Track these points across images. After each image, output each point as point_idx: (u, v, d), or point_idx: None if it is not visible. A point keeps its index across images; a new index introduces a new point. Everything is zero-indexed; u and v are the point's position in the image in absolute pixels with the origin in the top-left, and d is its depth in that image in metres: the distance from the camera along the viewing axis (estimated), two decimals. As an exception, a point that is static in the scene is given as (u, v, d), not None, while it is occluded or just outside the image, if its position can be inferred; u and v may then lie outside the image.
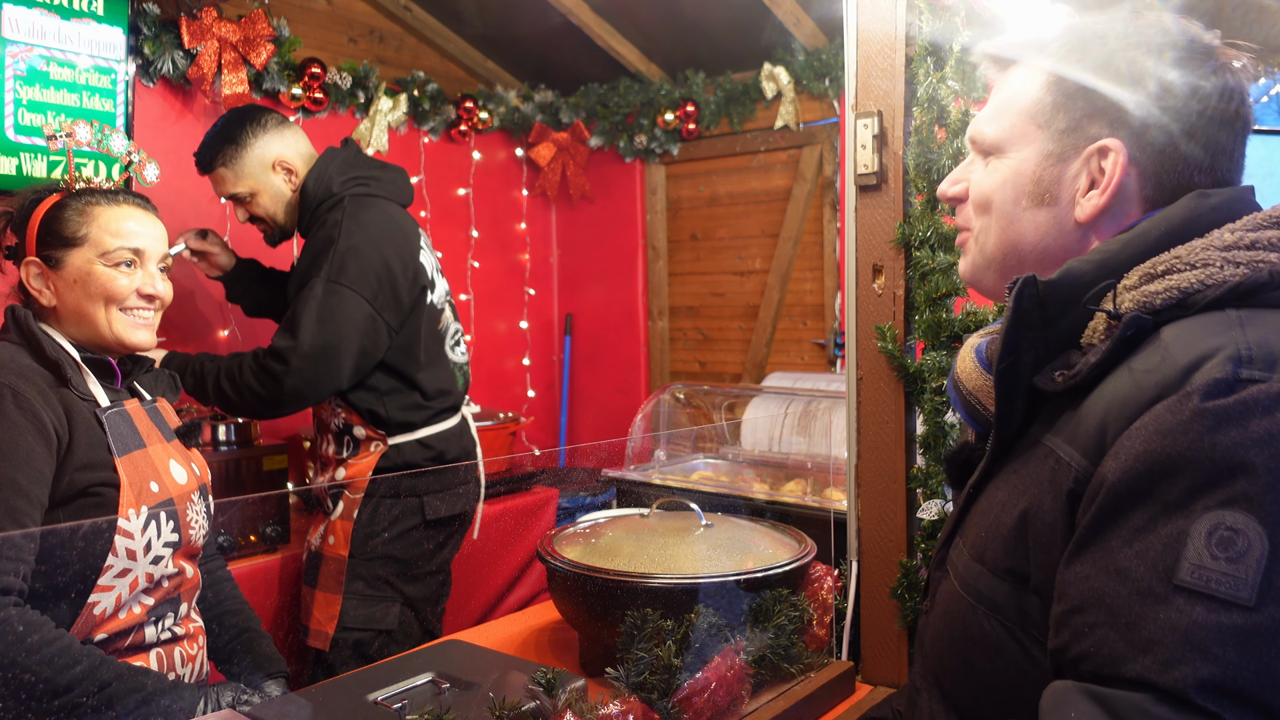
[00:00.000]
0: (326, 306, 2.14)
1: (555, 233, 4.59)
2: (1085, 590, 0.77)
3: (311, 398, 2.19)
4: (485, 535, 2.60)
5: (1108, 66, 0.93)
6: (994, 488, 0.95)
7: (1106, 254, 0.90)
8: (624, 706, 1.16)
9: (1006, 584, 0.88)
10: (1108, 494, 0.78)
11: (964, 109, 1.47)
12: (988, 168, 1.03)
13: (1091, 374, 0.86)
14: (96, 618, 1.43)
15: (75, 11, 2.63)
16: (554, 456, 4.19)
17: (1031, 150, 0.98)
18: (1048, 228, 0.98)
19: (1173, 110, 0.91)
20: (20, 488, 1.34)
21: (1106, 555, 0.77)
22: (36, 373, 1.45)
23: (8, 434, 1.36)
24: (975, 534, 0.95)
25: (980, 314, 1.47)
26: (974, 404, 1.02)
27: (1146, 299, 0.86)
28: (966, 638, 0.92)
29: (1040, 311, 0.89)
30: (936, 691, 0.99)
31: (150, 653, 1.52)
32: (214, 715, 1.43)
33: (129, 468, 1.50)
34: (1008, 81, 1.02)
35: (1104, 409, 0.83)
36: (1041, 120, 0.97)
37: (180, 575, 1.58)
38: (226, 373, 2.17)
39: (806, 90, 3.79)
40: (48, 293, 1.54)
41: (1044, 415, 0.92)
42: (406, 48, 3.94)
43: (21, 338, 1.48)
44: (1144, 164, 0.93)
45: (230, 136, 2.30)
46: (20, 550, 1.31)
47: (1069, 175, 0.96)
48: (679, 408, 3.27)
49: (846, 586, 1.61)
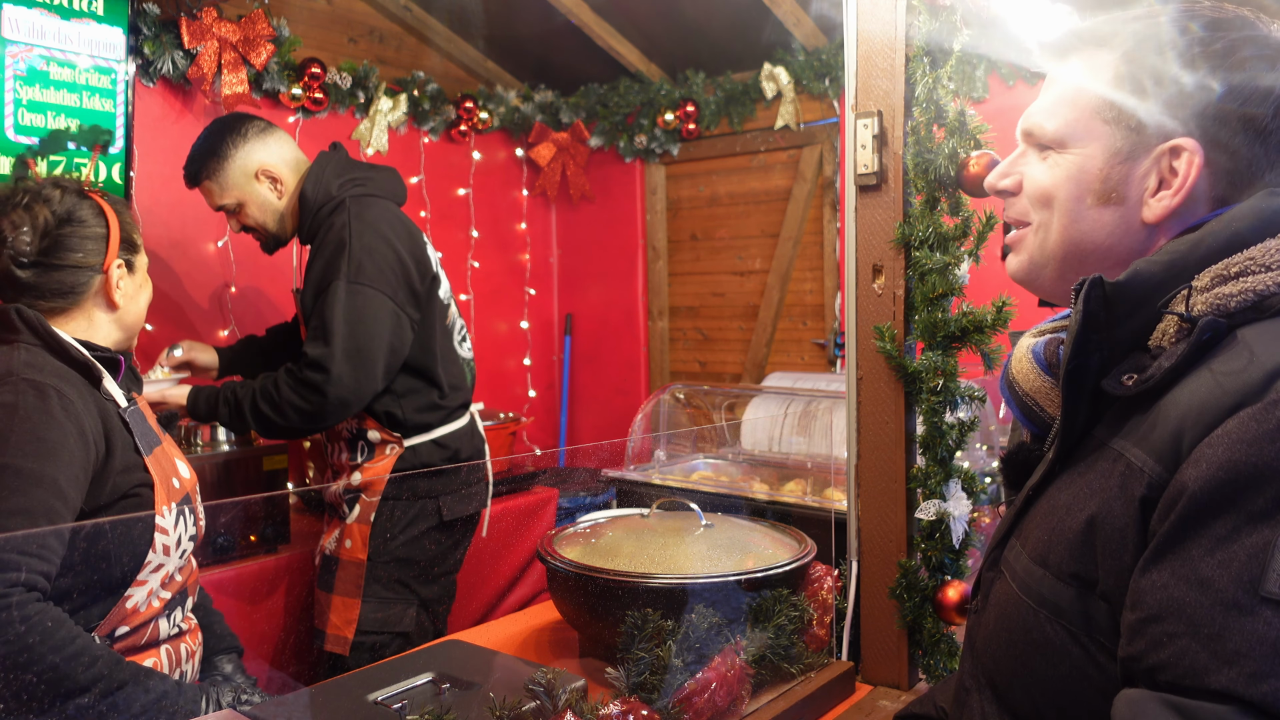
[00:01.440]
0: (352, 308, 2.12)
1: (555, 233, 4.59)
2: (1164, 599, 0.76)
3: (355, 404, 2.15)
4: (486, 535, 2.60)
5: (1180, 61, 0.90)
6: (1056, 490, 0.93)
7: (1175, 255, 0.88)
8: (624, 706, 1.16)
9: (1072, 589, 0.86)
10: (1189, 502, 0.76)
11: (962, 108, 1.47)
12: (1046, 162, 0.99)
13: (1165, 378, 0.84)
14: (128, 611, 1.46)
15: (75, 11, 2.63)
16: (554, 456, 4.20)
17: (1097, 147, 0.95)
18: (1113, 227, 0.95)
19: (1248, 108, 0.88)
20: (60, 489, 1.34)
21: (1187, 564, 0.75)
22: (71, 375, 1.45)
23: (54, 434, 1.36)
24: (1037, 537, 0.93)
25: (978, 314, 1.47)
26: (1031, 406, 1.00)
27: (1220, 302, 0.84)
28: (1026, 641, 0.90)
29: (1107, 313, 0.87)
30: (989, 693, 0.97)
31: (161, 649, 1.53)
32: (214, 715, 1.44)
33: (155, 465, 1.53)
34: (1067, 74, 0.98)
35: (1180, 414, 0.81)
36: (1109, 116, 0.94)
37: (189, 568, 1.60)
38: (263, 395, 2.12)
39: (806, 90, 3.79)
40: (126, 294, 1.59)
41: (1109, 418, 0.90)
42: (406, 48, 3.95)
43: (38, 339, 1.47)
44: (1217, 164, 0.90)
45: (211, 149, 2.27)
46: (50, 549, 1.31)
47: (1138, 174, 0.93)
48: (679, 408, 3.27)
49: (846, 586, 1.61)
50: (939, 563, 1.51)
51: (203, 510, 1.66)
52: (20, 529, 1.28)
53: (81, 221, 1.54)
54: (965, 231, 1.48)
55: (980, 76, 1.55)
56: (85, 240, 1.54)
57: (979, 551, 2.05)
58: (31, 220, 1.51)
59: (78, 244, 1.53)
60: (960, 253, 1.49)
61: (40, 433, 1.34)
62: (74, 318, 1.55)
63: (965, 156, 1.44)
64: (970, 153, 1.44)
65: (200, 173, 2.30)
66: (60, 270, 1.52)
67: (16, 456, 1.31)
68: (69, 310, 1.54)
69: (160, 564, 1.49)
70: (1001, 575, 0.98)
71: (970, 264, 1.50)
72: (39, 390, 1.38)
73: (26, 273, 1.50)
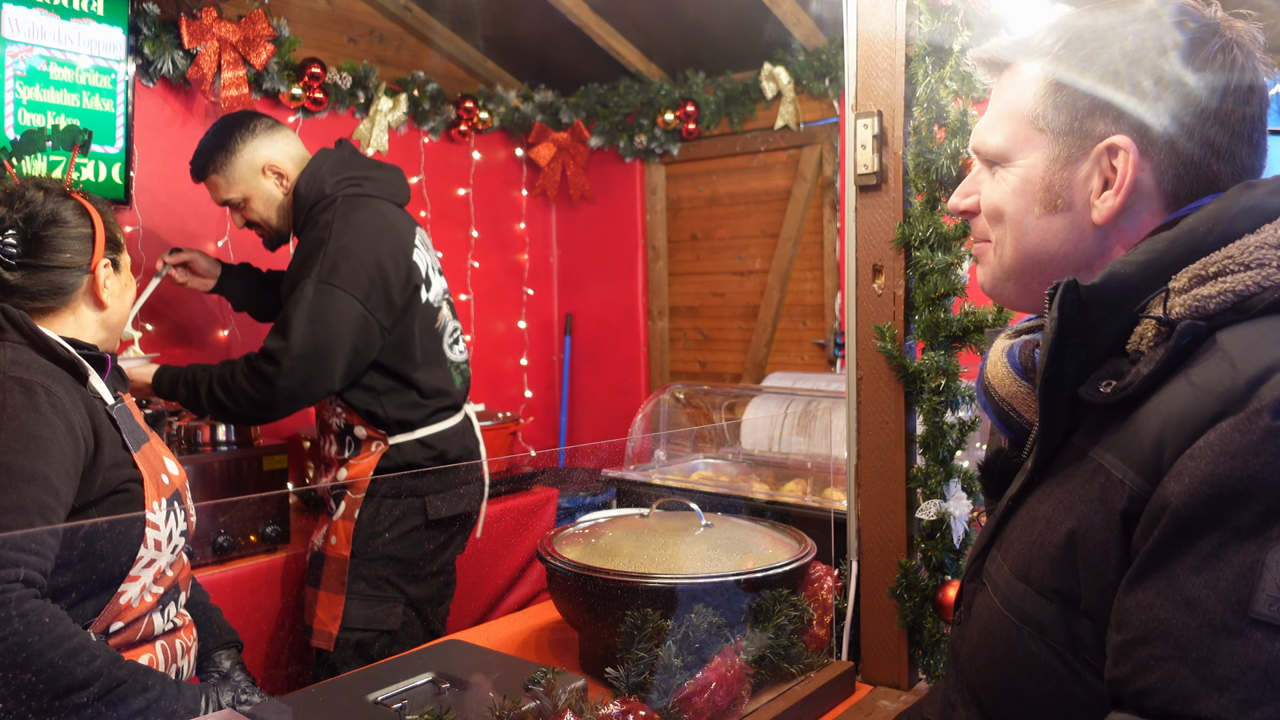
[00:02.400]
0: (318, 307, 2.13)
1: (555, 233, 4.59)
2: (1149, 620, 0.74)
3: (305, 399, 2.18)
4: (485, 535, 2.60)
5: (1105, 60, 0.89)
6: (1036, 501, 0.91)
7: (1151, 255, 0.85)
8: (624, 706, 1.16)
9: (1055, 605, 0.84)
10: (1172, 518, 0.74)
11: (963, 109, 1.47)
12: (995, 178, 0.98)
13: (1143, 385, 0.81)
14: (121, 607, 1.46)
15: (75, 11, 2.63)
16: (554, 456, 4.19)
17: (1037, 156, 0.94)
18: (1065, 234, 0.93)
19: (1179, 98, 0.86)
20: (52, 485, 1.34)
21: (1172, 584, 0.73)
22: (58, 372, 1.46)
23: (44, 431, 1.36)
24: (1017, 550, 0.90)
25: (979, 314, 1.47)
26: (1008, 412, 0.97)
27: (1199, 303, 0.81)
28: (1011, 658, 0.88)
29: (1082, 317, 0.84)
30: (975, 709, 0.96)
31: (156, 644, 1.53)
32: (214, 715, 1.44)
33: (143, 461, 1.53)
34: (1004, 87, 0.98)
35: (1160, 424, 0.78)
36: (1043, 124, 0.92)
37: (180, 563, 1.60)
38: (219, 380, 2.16)
39: (806, 90, 3.79)
40: (112, 293, 1.60)
41: (1087, 425, 0.88)
42: (406, 48, 3.95)
43: (23, 337, 1.48)
44: (1157, 158, 0.88)
45: (220, 143, 2.31)
46: (46, 546, 1.32)
47: (1080, 178, 0.91)
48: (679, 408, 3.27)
49: (846, 586, 1.61)
50: (939, 563, 1.51)
51: (193, 506, 1.66)
52: (14, 526, 1.28)
53: (66, 222, 1.55)
54: (965, 231, 1.48)
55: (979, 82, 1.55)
56: (71, 240, 1.55)
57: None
58: (14, 222, 1.52)
59: (64, 244, 1.54)
60: (961, 252, 1.49)
61: (30, 430, 1.35)
62: (62, 317, 1.56)
63: (967, 158, 1.44)
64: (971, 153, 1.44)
65: (207, 166, 2.32)
66: (48, 271, 1.53)
67: (7, 454, 1.32)
68: (58, 310, 1.56)
69: (152, 559, 1.49)
70: (983, 587, 0.96)
71: (971, 264, 1.50)
72: (26, 388, 1.38)
73: (14, 275, 1.51)
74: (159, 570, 1.52)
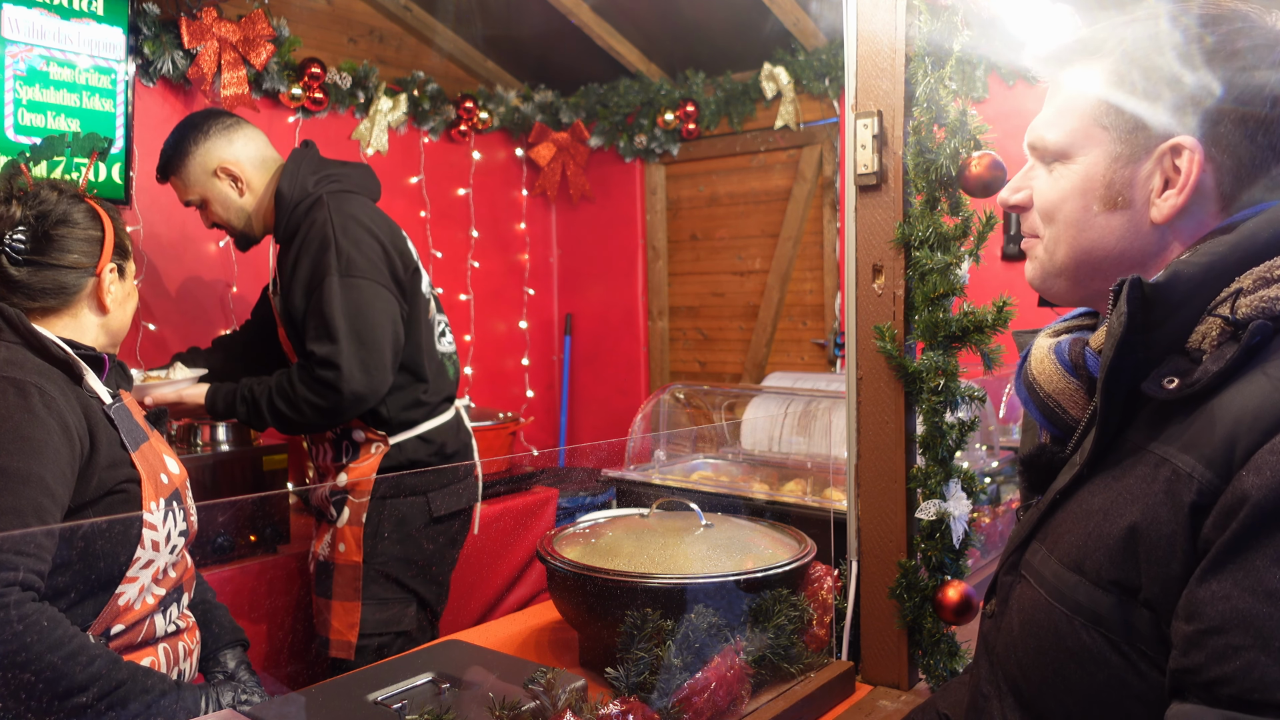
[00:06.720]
0: (350, 302, 2.12)
1: (555, 233, 4.59)
2: (1227, 610, 0.75)
3: (371, 397, 2.15)
4: (485, 535, 2.60)
5: (1175, 59, 0.90)
6: (1088, 494, 0.92)
7: (1214, 256, 0.87)
8: (624, 706, 1.16)
9: (1112, 596, 0.85)
10: (1252, 511, 0.75)
11: (963, 108, 1.47)
12: (1052, 175, 0.99)
13: (1212, 382, 0.82)
14: (120, 609, 1.46)
15: (75, 11, 2.63)
16: (554, 456, 4.19)
17: (1099, 153, 0.94)
18: (1123, 232, 0.94)
19: (1242, 101, 0.88)
20: (47, 486, 1.34)
21: (1251, 575, 0.74)
22: (52, 372, 1.45)
23: (38, 432, 1.36)
24: (1069, 542, 0.91)
25: (979, 314, 1.47)
26: (1053, 408, 0.98)
27: (1266, 304, 0.83)
28: (1060, 648, 0.89)
29: (1145, 315, 0.86)
30: (1013, 700, 0.96)
31: (158, 646, 1.53)
32: (214, 715, 1.44)
33: (142, 461, 1.53)
34: (1065, 84, 0.98)
35: (1234, 419, 0.80)
36: (1106, 121, 0.94)
37: (183, 564, 1.60)
38: (279, 392, 2.13)
39: (806, 90, 3.79)
40: (115, 298, 1.60)
41: (1142, 420, 0.89)
42: (406, 48, 3.95)
43: (17, 336, 1.48)
44: (1219, 159, 0.89)
45: (174, 145, 2.27)
46: (42, 548, 1.31)
47: (1141, 176, 0.92)
48: (679, 408, 3.27)
49: (846, 586, 1.61)
50: (939, 563, 1.51)
51: (194, 506, 1.66)
52: (10, 529, 1.28)
53: (76, 224, 1.56)
54: (965, 231, 1.48)
55: (981, 77, 1.55)
56: (80, 242, 1.56)
57: (978, 552, 2.05)
58: (26, 219, 1.52)
59: (72, 245, 1.55)
60: (961, 252, 1.49)
61: (24, 431, 1.34)
62: (63, 318, 1.56)
63: (967, 157, 1.44)
64: (971, 153, 1.44)
65: (166, 168, 2.30)
66: (54, 270, 1.53)
67: (1, 456, 1.31)
68: (59, 310, 1.56)
69: (150, 559, 1.49)
70: (1023, 579, 0.97)
71: (970, 264, 1.50)
72: (19, 388, 1.38)
73: (20, 271, 1.52)
74: (159, 571, 1.51)
